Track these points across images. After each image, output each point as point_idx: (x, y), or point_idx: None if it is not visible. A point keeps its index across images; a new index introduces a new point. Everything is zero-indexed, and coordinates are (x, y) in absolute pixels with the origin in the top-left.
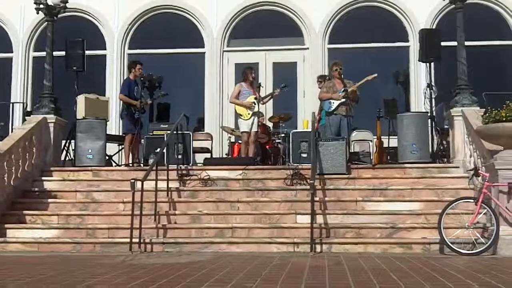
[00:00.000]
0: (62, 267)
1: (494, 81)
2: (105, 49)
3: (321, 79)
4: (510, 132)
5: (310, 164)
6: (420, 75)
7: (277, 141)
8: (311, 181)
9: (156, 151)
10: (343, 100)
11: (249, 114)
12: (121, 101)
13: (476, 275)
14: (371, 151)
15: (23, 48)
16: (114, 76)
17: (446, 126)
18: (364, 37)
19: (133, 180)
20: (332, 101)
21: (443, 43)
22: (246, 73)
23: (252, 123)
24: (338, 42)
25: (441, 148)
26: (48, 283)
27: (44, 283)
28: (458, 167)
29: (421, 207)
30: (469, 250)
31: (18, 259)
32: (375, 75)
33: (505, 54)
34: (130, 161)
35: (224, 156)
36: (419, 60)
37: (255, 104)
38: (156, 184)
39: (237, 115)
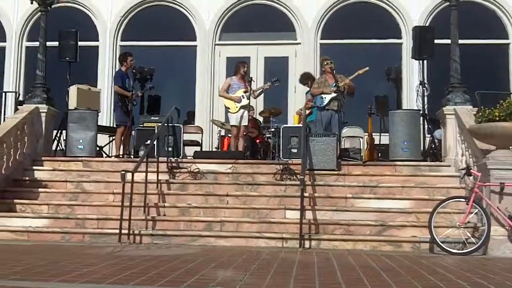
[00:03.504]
0: (51, 256)
1: (488, 80)
2: (97, 40)
3: (307, 80)
4: (503, 132)
5: (300, 160)
6: (412, 72)
7: (267, 135)
8: (301, 177)
9: (146, 143)
10: (335, 95)
11: (236, 107)
12: (116, 93)
13: (466, 275)
14: (361, 147)
15: (16, 38)
16: (106, 67)
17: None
18: (357, 33)
19: (123, 172)
20: (324, 96)
21: (436, 41)
22: (238, 67)
23: (241, 117)
24: (331, 37)
25: (433, 146)
26: (38, 273)
27: (34, 273)
28: (449, 166)
29: (411, 205)
30: (459, 250)
31: (7, 247)
32: (367, 68)
33: (499, 53)
34: (121, 153)
35: (214, 149)
36: (412, 58)
37: (243, 97)
38: (146, 176)
39: (226, 109)
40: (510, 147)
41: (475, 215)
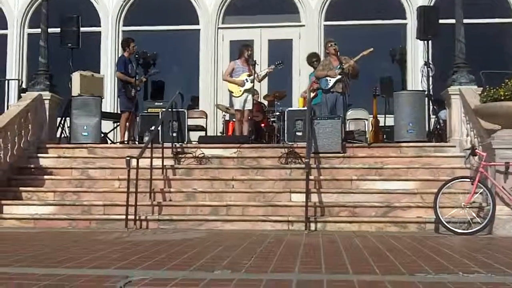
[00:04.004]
0: (58, 243)
1: (493, 60)
2: (99, 26)
3: (315, 58)
4: (508, 111)
5: (305, 143)
6: (417, 53)
7: (271, 119)
8: (306, 160)
9: (151, 129)
10: (340, 77)
11: (240, 91)
12: (118, 79)
13: (472, 255)
14: (366, 129)
15: (18, 25)
16: (109, 53)
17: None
18: (361, 14)
19: (128, 158)
20: (328, 78)
21: (441, 21)
22: (242, 50)
23: (245, 101)
24: (335, 19)
25: (438, 127)
26: (44, 259)
27: (41, 259)
28: (454, 146)
29: (416, 186)
30: (464, 230)
31: (14, 235)
32: (371, 49)
33: (504, 32)
34: (125, 139)
35: (219, 134)
36: (416, 38)
37: (247, 81)
38: (151, 162)
39: (230, 93)
40: None
41: (480, 195)
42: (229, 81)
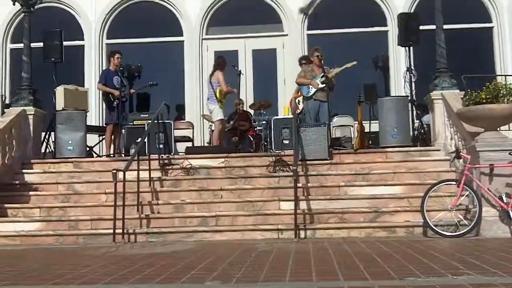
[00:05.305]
0: (45, 260)
1: (473, 64)
2: (83, 39)
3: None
4: (490, 114)
5: (292, 151)
6: (399, 59)
7: (258, 128)
8: (293, 168)
9: (137, 141)
10: (322, 86)
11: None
12: (100, 91)
13: (460, 256)
14: (352, 136)
15: (0, 40)
16: (93, 66)
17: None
18: (343, 22)
19: (114, 171)
20: (310, 86)
21: (421, 27)
22: (223, 62)
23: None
24: (317, 28)
25: (422, 131)
26: (31, 277)
27: (27, 277)
28: (439, 150)
29: (403, 191)
30: (452, 232)
31: (0, 253)
32: (355, 62)
33: (483, 36)
34: (111, 152)
35: (206, 144)
36: (398, 44)
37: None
38: (138, 174)
39: (218, 102)
40: (498, 129)
41: (466, 197)
42: (230, 91)
